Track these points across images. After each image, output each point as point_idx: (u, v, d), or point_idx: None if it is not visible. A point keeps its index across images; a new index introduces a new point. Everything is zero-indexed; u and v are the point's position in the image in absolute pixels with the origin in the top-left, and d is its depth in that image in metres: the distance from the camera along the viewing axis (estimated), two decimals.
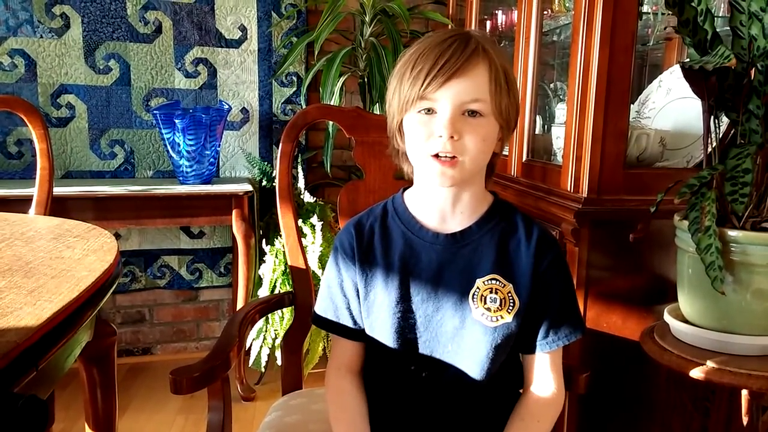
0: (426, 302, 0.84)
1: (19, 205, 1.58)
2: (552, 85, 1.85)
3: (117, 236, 2.28)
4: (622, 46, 1.21)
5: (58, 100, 2.17)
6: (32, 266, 0.83)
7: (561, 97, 1.78)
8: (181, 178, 2.12)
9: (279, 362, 1.60)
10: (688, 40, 1.01)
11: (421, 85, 0.76)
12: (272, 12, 2.31)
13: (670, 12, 1.03)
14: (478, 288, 0.83)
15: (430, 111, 0.78)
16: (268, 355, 2.03)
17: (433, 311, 0.84)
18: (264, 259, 2.07)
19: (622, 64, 1.22)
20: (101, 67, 2.19)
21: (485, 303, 0.82)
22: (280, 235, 1.74)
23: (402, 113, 0.81)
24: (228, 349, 0.94)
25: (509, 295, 0.83)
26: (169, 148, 2.09)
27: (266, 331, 2.01)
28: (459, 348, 0.84)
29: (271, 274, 2.01)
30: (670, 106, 1.44)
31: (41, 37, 2.12)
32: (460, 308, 0.83)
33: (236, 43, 2.30)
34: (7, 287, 0.74)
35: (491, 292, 0.82)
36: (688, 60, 0.99)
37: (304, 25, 2.35)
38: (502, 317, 0.82)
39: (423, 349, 0.85)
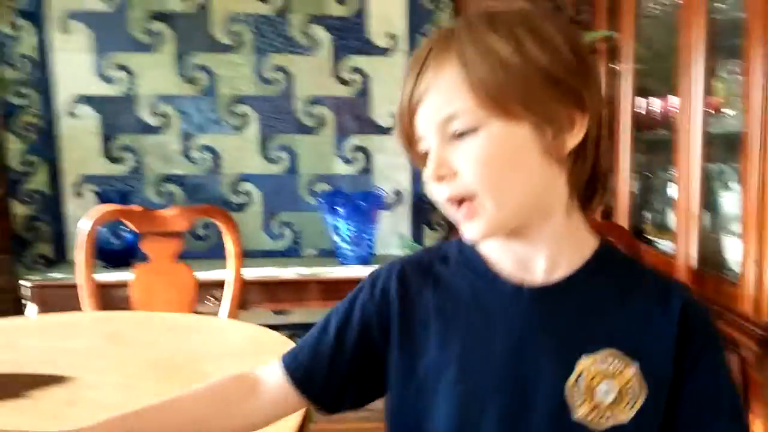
0: (502, 392, 0.58)
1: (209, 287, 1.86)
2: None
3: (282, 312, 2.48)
4: None
5: (237, 188, 2.45)
6: None
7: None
8: (341, 259, 2.27)
9: None
10: None
11: (400, 126, 0.60)
12: None
13: None
14: (585, 370, 0.57)
15: (427, 152, 0.59)
16: None
17: (518, 405, 0.58)
18: None
19: None
20: (273, 158, 2.44)
21: (594, 396, 0.56)
22: None
23: (419, 164, 0.61)
24: None
25: (632, 381, 0.57)
26: (332, 231, 2.26)
27: None
28: None
29: None
30: None
31: (225, 133, 2.42)
32: (556, 404, 0.57)
33: (391, 130, 2.43)
34: None
35: (606, 378, 0.57)
36: None
37: None
38: (614, 417, 0.56)
39: None
